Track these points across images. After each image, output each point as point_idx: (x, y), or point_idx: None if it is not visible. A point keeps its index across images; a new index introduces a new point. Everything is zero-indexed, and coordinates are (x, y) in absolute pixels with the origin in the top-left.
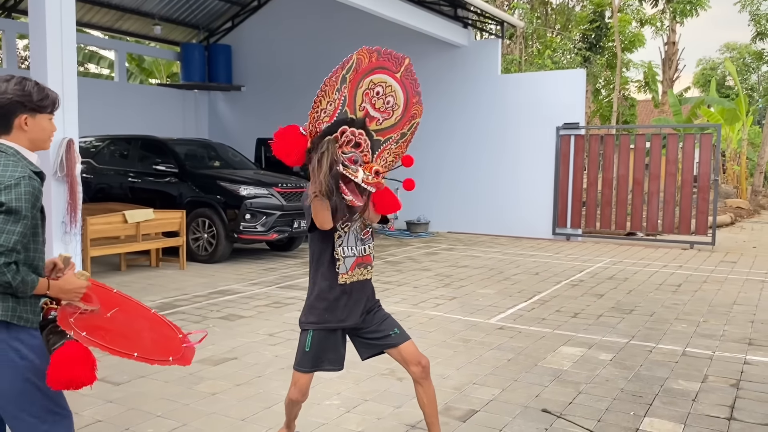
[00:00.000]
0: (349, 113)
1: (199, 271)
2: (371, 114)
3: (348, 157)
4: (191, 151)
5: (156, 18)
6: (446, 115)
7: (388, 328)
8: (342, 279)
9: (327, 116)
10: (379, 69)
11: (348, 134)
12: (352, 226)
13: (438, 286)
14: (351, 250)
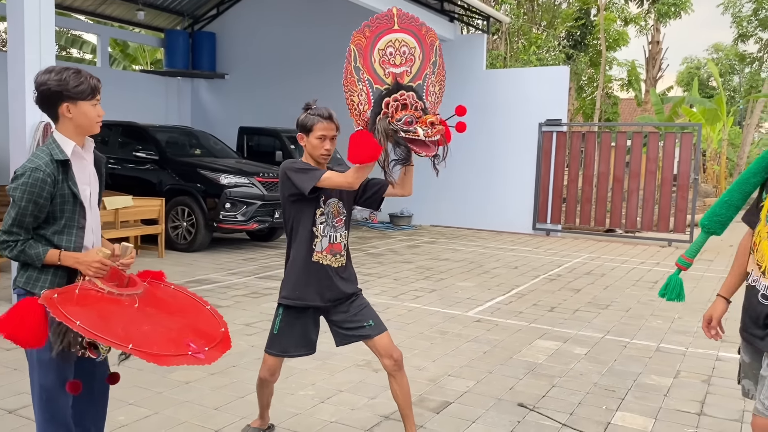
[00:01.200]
0: (380, 89)
1: (178, 259)
2: (398, 72)
3: (404, 120)
4: (172, 138)
5: (140, 3)
6: None
7: (364, 319)
8: (316, 257)
9: (365, 105)
10: (377, 37)
11: (391, 103)
12: (326, 210)
13: (418, 279)
14: (327, 232)
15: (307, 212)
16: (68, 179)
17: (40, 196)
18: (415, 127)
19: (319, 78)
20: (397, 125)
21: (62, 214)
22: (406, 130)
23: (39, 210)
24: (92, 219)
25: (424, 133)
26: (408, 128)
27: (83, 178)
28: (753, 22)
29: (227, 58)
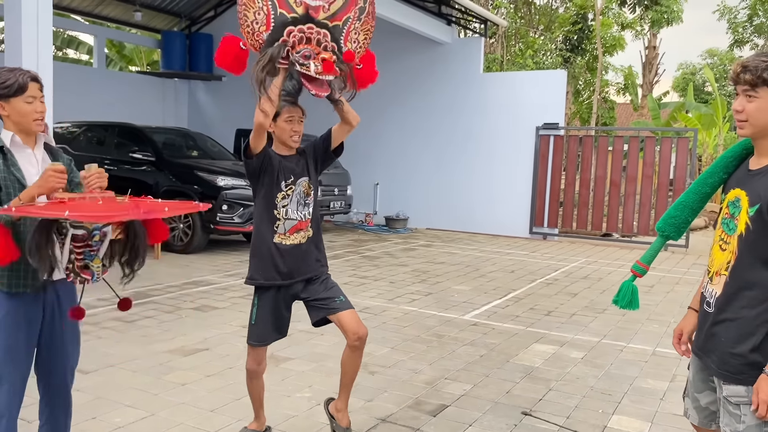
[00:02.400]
0: (287, 14)
1: (174, 261)
2: (312, 5)
3: (301, 54)
4: (169, 139)
5: (137, 4)
6: (427, 111)
7: (335, 295)
8: (278, 239)
9: (263, 26)
10: None
11: (295, 33)
12: (295, 189)
13: (414, 282)
14: (293, 213)
15: (269, 195)
16: (10, 165)
17: None
18: (309, 62)
19: None
20: (294, 56)
21: (8, 199)
22: (301, 64)
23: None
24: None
25: (315, 69)
26: (303, 62)
27: (32, 170)
28: (748, 29)
29: None
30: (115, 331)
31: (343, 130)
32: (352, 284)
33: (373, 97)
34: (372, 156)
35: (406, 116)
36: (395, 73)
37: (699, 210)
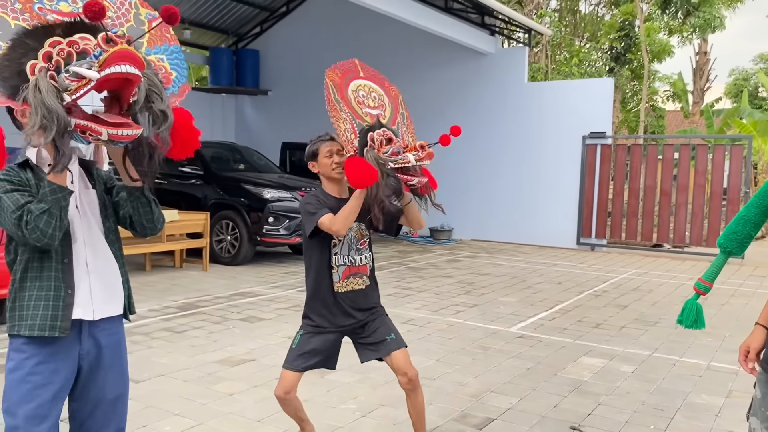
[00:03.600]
0: (362, 123)
1: (222, 272)
2: (373, 113)
3: (391, 152)
4: (217, 153)
5: (186, 23)
6: (471, 122)
7: (385, 333)
8: (335, 287)
9: (351, 134)
10: (348, 79)
11: (377, 137)
12: (347, 235)
13: (459, 293)
14: (344, 259)
15: (323, 246)
16: (40, 183)
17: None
18: (404, 155)
19: None
20: (385, 156)
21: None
22: (394, 160)
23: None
24: (85, 228)
25: (415, 158)
26: (396, 158)
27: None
28: None
29: (270, 74)
30: (165, 341)
31: (406, 222)
32: (397, 296)
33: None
34: None
35: (449, 126)
36: (438, 85)
37: (761, 224)
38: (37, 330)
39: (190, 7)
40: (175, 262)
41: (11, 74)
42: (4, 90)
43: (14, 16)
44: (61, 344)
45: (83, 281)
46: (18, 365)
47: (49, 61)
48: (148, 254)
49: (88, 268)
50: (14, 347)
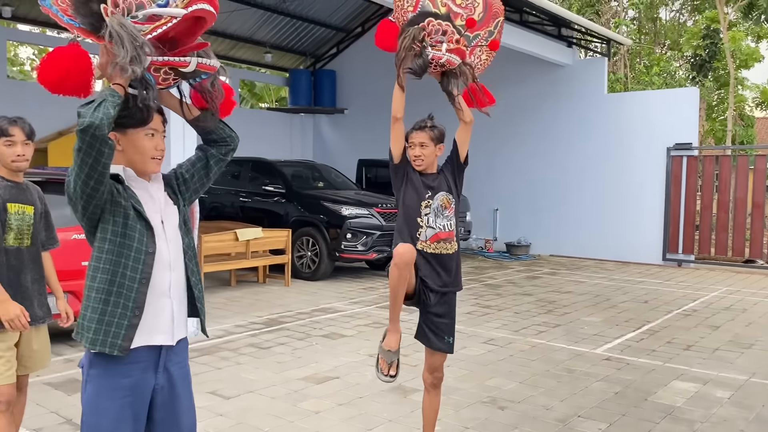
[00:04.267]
0: (431, 7)
1: (303, 288)
2: (454, 9)
3: (435, 39)
4: (297, 172)
5: (267, 46)
6: (549, 135)
7: (448, 332)
8: (420, 245)
9: (411, 6)
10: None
11: (434, 24)
12: (433, 203)
13: (540, 313)
14: (433, 222)
15: (412, 203)
16: (129, 196)
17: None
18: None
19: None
20: (428, 41)
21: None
22: (433, 46)
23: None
24: (173, 250)
25: (447, 48)
26: (436, 45)
27: (151, 205)
28: None
29: (346, 93)
30: (252, 357)
31: (462, 132)
32: (476, 314)
33: (493, 123)
34: (491, 181)
35: (526, 140)
36: (515, 98)
37: None
38: (98, 345)
39: (271, 31)
40: (258, 278)
41: (87, 13)
42: (85, 26)
43: None
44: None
45: (166, 306)
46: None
47: (117, 6)
48: (233, 270)
49: (170, 292)
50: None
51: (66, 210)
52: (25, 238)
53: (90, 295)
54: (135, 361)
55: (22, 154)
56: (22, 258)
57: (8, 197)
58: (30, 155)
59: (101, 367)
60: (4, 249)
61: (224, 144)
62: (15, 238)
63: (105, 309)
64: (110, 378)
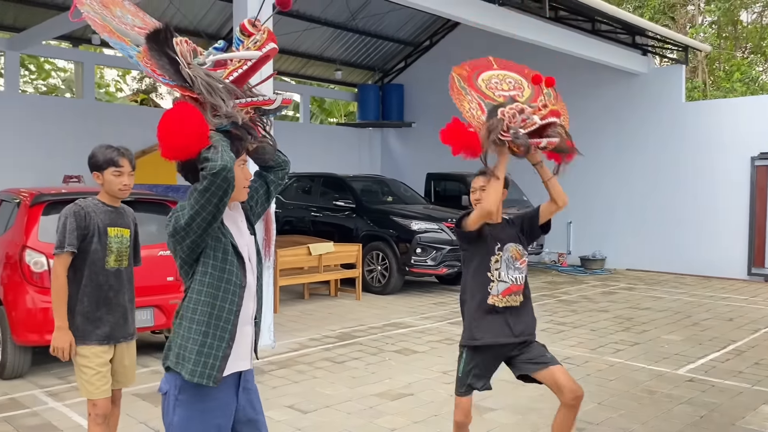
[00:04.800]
0: (492, 103)
1: (373, 302)
2: (509, 95)
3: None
4: (366, 186)
5: (337, 63)
6: (624, 145)
7: (543, 350)
8: (492, 300)
9: (478, 111)
10: (477, 73)
11: (508, 111)
12: (504, 255)
13: (618, 330)
14: (505, 276)
15: (482, 259)
16: (224, 230)
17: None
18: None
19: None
20: (514, 127)
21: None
22: (523, 126)
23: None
24: (251, 278)
25: (540, 116)
26: (524, 123)
27: (240, 239)
28: None
29: (414, 106)
30: (327, 371)
31: (550, 208)
32: (550, 331)
33: None
34: None
35: (600, 151)
36: (588, 108)
37: None
38: (197, 377)
39: (340, 48)
40: (330, 291)
41: (175, 71)
42: (178, 82)
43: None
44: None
45: (249, 333)
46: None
47: (183, 57)
48: (306, 283)
49: (252, 319)
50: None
51: (151, 227)
52: (123, 260)
53: (191, 326)
54: (223, 385)
55: (128, 185)
56: (121, 278)
57: (108, 222)
58: (132, 185)
59: (191, 392)
60: (105, 271)
61: (280, 169)
62: (115, 260)
63: (205, 341)
64: (201, 402)
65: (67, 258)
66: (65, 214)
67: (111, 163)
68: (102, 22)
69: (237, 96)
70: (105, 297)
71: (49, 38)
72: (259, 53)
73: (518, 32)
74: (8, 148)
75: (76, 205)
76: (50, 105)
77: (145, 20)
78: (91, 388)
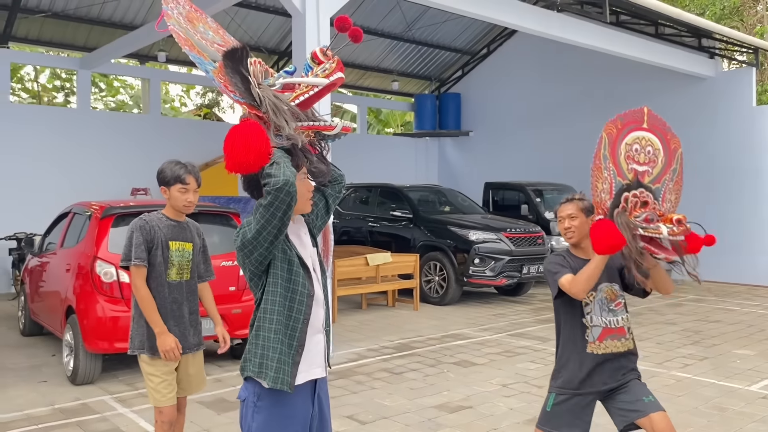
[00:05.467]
0: (622, 182)
1: (431, 312)
2: (640, 170)
3: (643, 218)
4: (423, 196)
5: (394, 73)
6: (692, 151)
7: (641, 393)
8: (590, 348)
9: (607, 194)
10: (627, 131)
11: (631, 198)
12: (597, 296)
13: (686, 344)
14: (599, 320)
15: (573, 306)
16: (289, 242)
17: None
18: (657, 224)
19: (561, 131)
20: (636, 221)
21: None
22: (645, 227)
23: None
24: (320, 288)
25: (668, 231)
26: (648, 225)
27: (304, 252)
28: None
29: (471, 115)
30: (385, 382)
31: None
32: None
33: None
34: None
35: None
36: None
37: None
38: (279, 383)
39: (397, 58)
40: (388, 301)
41: (246, 89)
42: (248, 100)
43: (205, 40)
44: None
45: (321, 341)
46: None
47: (256, 77)
48: (364, 293)
49: (323, 327)
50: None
51: (213, 238)
52: (185, 273)
53: (269, 336)
54: (299, 393)
55: (192, 201)
56: (182, 291)
57: (170, 236)
58: (196, 201)
59: (271, 399)
60: (167, 283)
61: (337, 183)
62: (177, 273)
63: (282, 349)
64: (280, 408)
65: (141, 269)
66: (132, 228)
67: (178, 180)
68: (185, 36)
69: (300, 119)
70: (169, 309)
71: (117, 56)
72: (327, 81)
73: (577, 38)
74: (80, 162)
75: (141, 219)
76: (119, 121)
77: (224, 38)
78: (157, 396)
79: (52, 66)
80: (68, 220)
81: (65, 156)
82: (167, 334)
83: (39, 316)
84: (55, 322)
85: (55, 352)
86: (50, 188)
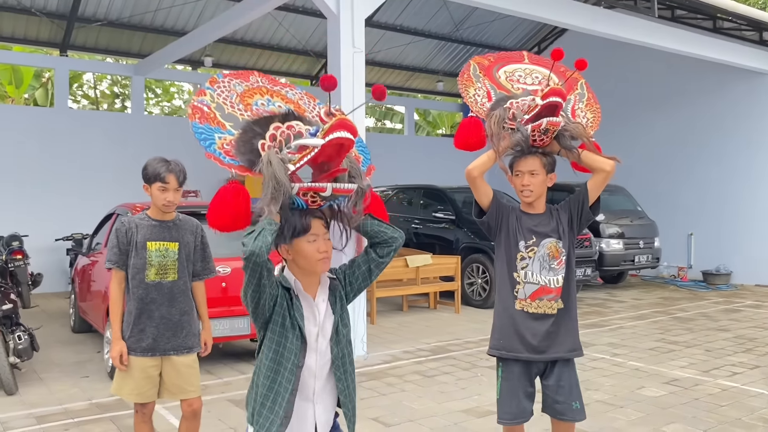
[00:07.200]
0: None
1: (472, 316)
2: (530, 89)
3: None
4: (468, 198)
5: (440, 74)
6: (753, 150)
7: (574, 397)
8: (519, 305)
9: (484, 98)
10: (503, 63)
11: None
12: (538, 252)
13: (737, 351)
14: (534, 277)
15: (507, 256)
16: (294, 309)
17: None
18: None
19: (615, 131)
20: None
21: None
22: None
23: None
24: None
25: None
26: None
27: (312, 328)
28: None
29: None
30: (416, 384)
31: (597, 180)
32: (659, 350)
33: (681, 140)
34: (684, 203)
35: (723, 157)
36: (708, 112)
37: None
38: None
39: (444, 59)
40: (429, 304)
41: (248, 150)
42: (243, 163)
43: (240, 113)
44: None
45: (309, 410)
46: None
47: (274, 140)
48: (405, 296)
49: (314, 398)
50: None
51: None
52: (169, 273)
53: (261, 392)
54: None
55: (171, 201)
56: (162, 292)
57: (150, 236)
58: (178, 201)
59: None
60: (145, 284)
61: (386, 245)
62: (156, 274)
63: (262, 411)
64: None
65: (115, 273)
66: (112, 231)
67: (157, 178)
68: (207, 111)
69: (299, 181)
70: (146, 309)
71: (169, 62)
72: (322, 141)
73: (628, 35)
74: (134, 165)
75: (119, 221)
76: (171, 125)
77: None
78: (116, 384)
79: (107, 73)
80: (112, 221)
81: (120, 159)
82: (118, 341)
83: (86, 314)
84: (99, 319)
85: (100, 348)
86: (105, 190)
